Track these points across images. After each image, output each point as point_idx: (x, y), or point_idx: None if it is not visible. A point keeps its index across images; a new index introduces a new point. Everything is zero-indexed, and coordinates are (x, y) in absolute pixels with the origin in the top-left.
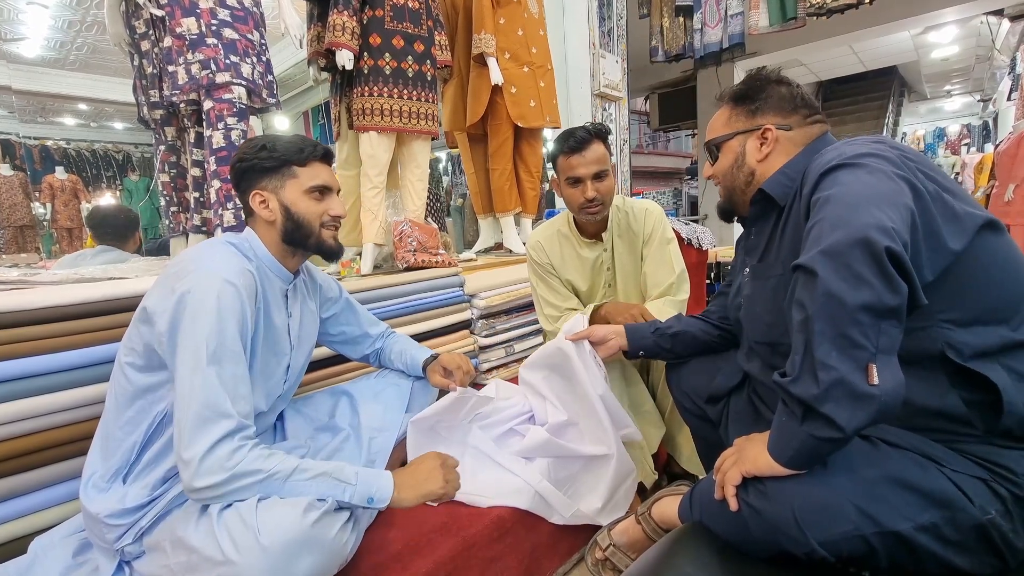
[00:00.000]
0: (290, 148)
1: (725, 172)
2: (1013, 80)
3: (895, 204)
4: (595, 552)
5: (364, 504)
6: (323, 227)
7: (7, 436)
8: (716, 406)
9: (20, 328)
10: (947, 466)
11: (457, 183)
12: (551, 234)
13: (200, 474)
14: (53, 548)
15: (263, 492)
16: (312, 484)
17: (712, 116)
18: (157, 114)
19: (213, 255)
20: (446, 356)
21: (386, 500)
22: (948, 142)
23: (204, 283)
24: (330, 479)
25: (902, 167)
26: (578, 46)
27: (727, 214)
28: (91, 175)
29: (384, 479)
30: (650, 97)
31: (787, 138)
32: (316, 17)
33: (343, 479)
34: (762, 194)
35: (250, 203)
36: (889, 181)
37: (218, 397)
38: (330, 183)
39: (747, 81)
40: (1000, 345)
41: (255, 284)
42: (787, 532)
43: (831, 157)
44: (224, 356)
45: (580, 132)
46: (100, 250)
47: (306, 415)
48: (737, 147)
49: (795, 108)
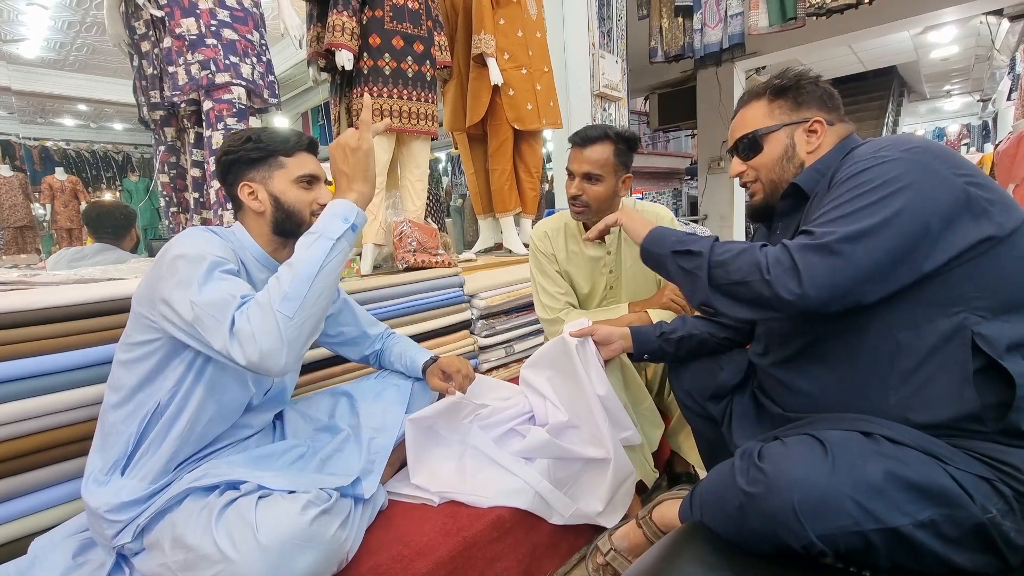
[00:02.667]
0: (276, 138)
1: (772, 165)
2: (1012, 80)
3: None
4: (596, 557)
5: (357, 222)
6: (313, 215)
7: (6, 437)
8: (719, 404)
9: (20, 329)
10: (950, 464)
11: (457, 183)
12: (558, 227)
13: (246, 352)
14: (53, 549)
15: (292, 294)
16: (314, 249)
17: (738, 113)
18: (157, 115)
19: (193, 234)
20: (445, 359)
21: (352, 209)
22: (948, 142)
23: (185, 240)
24: (322, 239)
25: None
26: (578, 46)
27: (766, 213)
28: (91, 176)
29: (335, 205)
30: (650, 97)
31: (832, 132)
32: (316, 18)
33: (316, 232)
34: (795, 188)
35: (238, 195)
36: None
37: (219, 297)
38: (317, 173)
39: (784, 77)
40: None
41: (236, 260)
42: (786, 524)
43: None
44: (216, 276)
45: (593, 131)
46: (99, 248)
47: (306, 415)
48: (785, 138)
49: (835, 106)
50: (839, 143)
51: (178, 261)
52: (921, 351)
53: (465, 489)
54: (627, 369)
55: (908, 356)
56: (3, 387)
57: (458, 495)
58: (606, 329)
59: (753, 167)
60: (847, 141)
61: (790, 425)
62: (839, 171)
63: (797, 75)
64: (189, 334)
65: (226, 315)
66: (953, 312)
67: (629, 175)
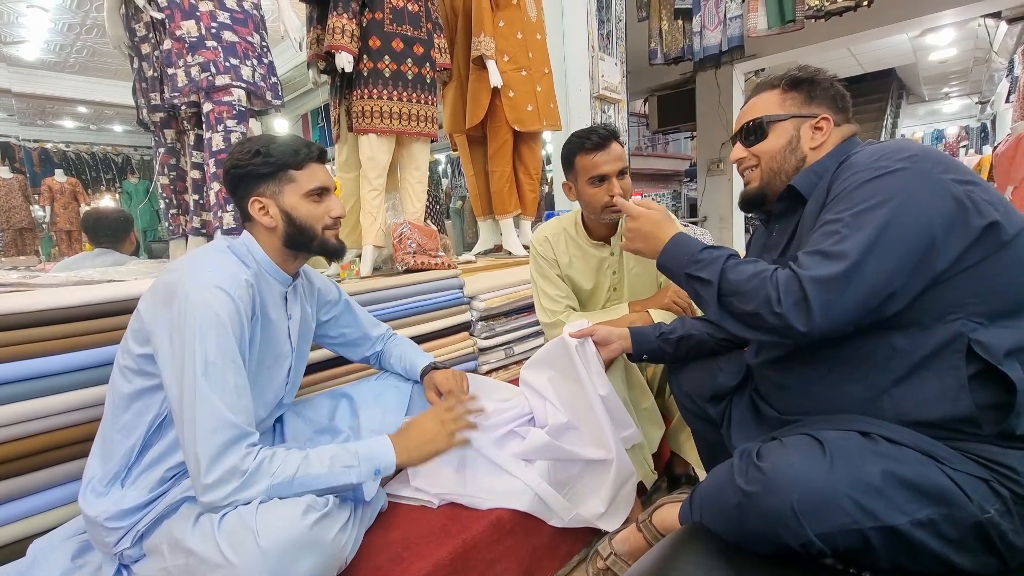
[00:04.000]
0: (285, 152)
1: (774, 154)
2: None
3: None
4: (596, 561)
5: (372, 478)
6: (325, 229)
7: (6, 439)
8: (718, 406)
9: (20, 330)
10: (947, 464)
11: (456, 185)
12: (558, 232)
13: (211, 487)
14: (52, 551)
15: (273, 495)
16: (318, 481)
17: (749, 101)
18: (157, 117)
19: (207, 264)
20: (440, 376)
21: (391, 467)
22: (946, 144)
23: (198, 295)
24: (336, 468)
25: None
26: (577, 49)
27: (756, 202)
28: (90, 178)
29: (384, 449)
30: (649, 99)
31: (838, 132)
32: (316, 20)
33: (346, 464)
34: (791, 190)
35: (248, 210)
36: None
37: (219, 408)
38: (328, 184)
39: (803, 70)
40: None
41: (252, 294)
42: (785, 523)
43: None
44: (222, 368)
45: (600, 131)
46: (98, 253)
47: (306, 417)
48: (792, 129)
49: (844, 107)
50: (840, 145)
51: (180, 311)
52: (916, 356)
53: (465, 491)
54: (630, 369)
55: (903, 360)
56: (3, 389)
57: (458, 497)
58: (605, 329)
59: (755, 153)
60: (847, 144)
61: (788, 427)
62: (837, 178)
63: (815, 71)
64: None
65: (217, 443)
66: (950, 319)
67: None
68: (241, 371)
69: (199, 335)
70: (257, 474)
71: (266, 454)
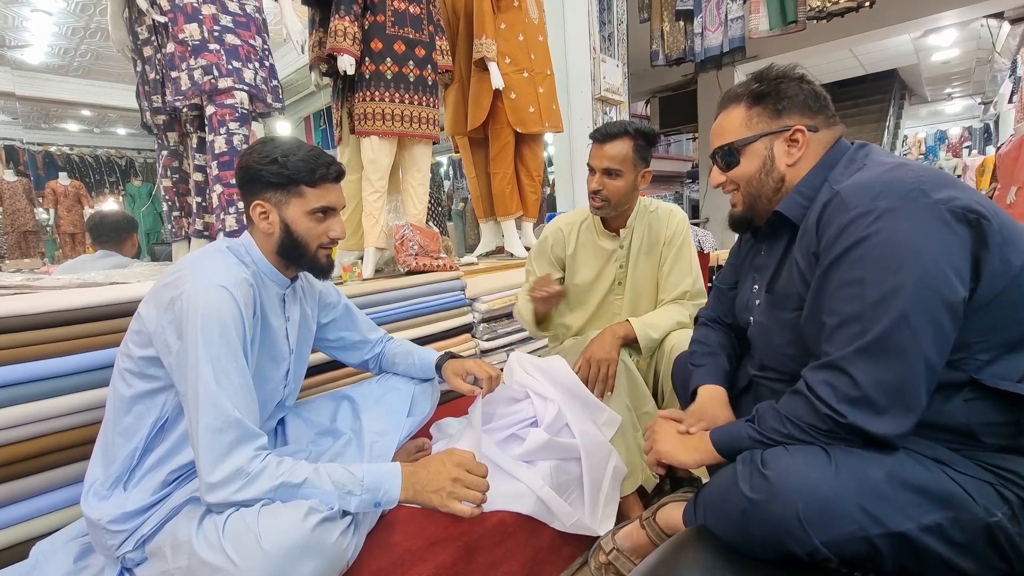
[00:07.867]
0: (302, 168)
1: (750, 178)
2: (1014, 83)
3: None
4: (599, 556)
5: (371, 509)
6: (320, 247)
7: (9, 441)
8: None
9: (23, 333)
10: (952, 467)
11: (458, 187)
12: (573, 222)
13: (215, 486)
14: (54, 553)
15: (276, 498)
16: (319, 495)
17: (717, 118)
18: (160, 119)
19: (208, 264)
20: (472, 363)
21: (393, 503)
22: (949, 145)
23: (201, 295)
24: (340, 492)
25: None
26: (578, 50)
27: (745, 224)
28: (94, 180)
29: (391, 482)
30: (651, 101)
31: (816, 140)
32: (318, 23)
33: (349, 490)
34: (778, 216)
35: (250, 211)
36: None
37: (225, 407)
38: (336, 204)
39: (763, 79)
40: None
41: (252, 293)
42: (791, 531)
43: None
44: (227, 368)
45: (613, 127)
46: (101, 255)
47: (307, 419)
48: (763, 150)
49: (820, 108)
50: (825, 156)
51: (184, 313)
52: None
53: None
54: (630, 372)
55: None
56: (6, 391)
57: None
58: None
59: (732, 179)
60: (832, 154)
61: None
62: (827, 213)
63: (777, 77)
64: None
65: (225, 443)
66: (954, 361)
67: (649, 170)
68: (245, 371)
69: (203, 335)
70: (261, 477)
71: (273, 460)
